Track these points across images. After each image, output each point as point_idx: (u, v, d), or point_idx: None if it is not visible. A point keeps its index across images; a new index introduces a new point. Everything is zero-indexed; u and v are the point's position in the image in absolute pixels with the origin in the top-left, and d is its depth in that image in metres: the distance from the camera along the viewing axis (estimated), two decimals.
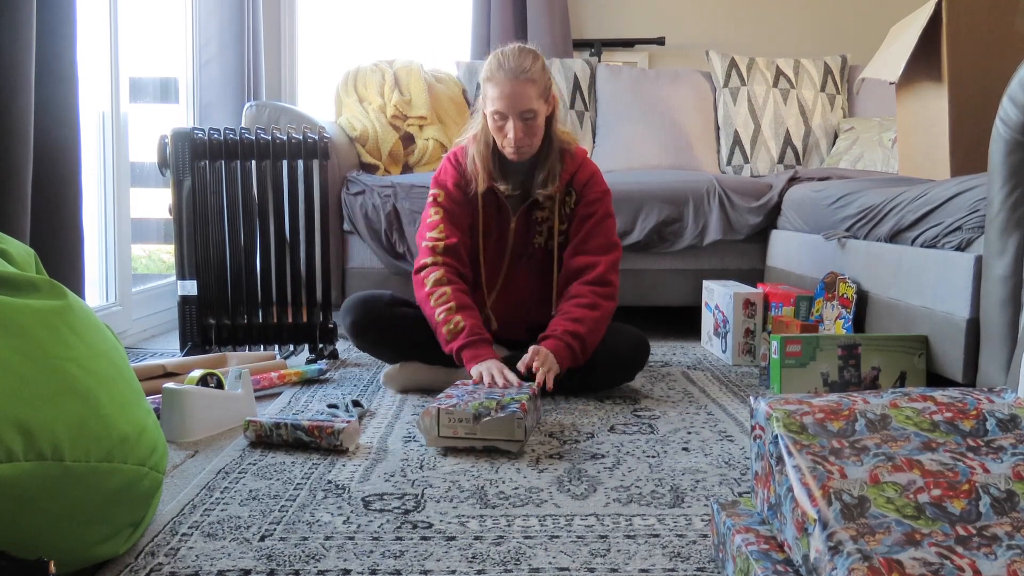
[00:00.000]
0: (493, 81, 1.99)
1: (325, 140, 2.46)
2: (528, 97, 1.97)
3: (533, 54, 2.03)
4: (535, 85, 1.98)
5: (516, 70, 1.97)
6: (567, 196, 2.13)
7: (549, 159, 2.08)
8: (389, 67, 3.39)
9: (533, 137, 2.03)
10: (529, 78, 1.97)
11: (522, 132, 2.00)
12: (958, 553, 0.83)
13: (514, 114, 1.98)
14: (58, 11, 1.97)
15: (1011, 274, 1.62)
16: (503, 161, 2.10)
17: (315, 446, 1.63)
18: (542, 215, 2.13)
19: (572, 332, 1.98)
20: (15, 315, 1.03)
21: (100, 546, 1.08)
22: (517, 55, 2.00)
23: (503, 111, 1.99)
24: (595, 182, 2.14)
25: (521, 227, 2.14)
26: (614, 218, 2.17)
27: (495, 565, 1.13)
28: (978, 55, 2.35)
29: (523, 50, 2.02)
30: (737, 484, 1.45)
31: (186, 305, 2.43)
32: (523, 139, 2.01)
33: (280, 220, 2.46)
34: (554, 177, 2.08)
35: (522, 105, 1.97)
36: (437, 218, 2.11)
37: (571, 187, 2.13)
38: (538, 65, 2.01)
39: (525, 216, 2.14)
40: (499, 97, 1.98)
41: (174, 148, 2.39)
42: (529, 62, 1.99)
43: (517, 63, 1.98)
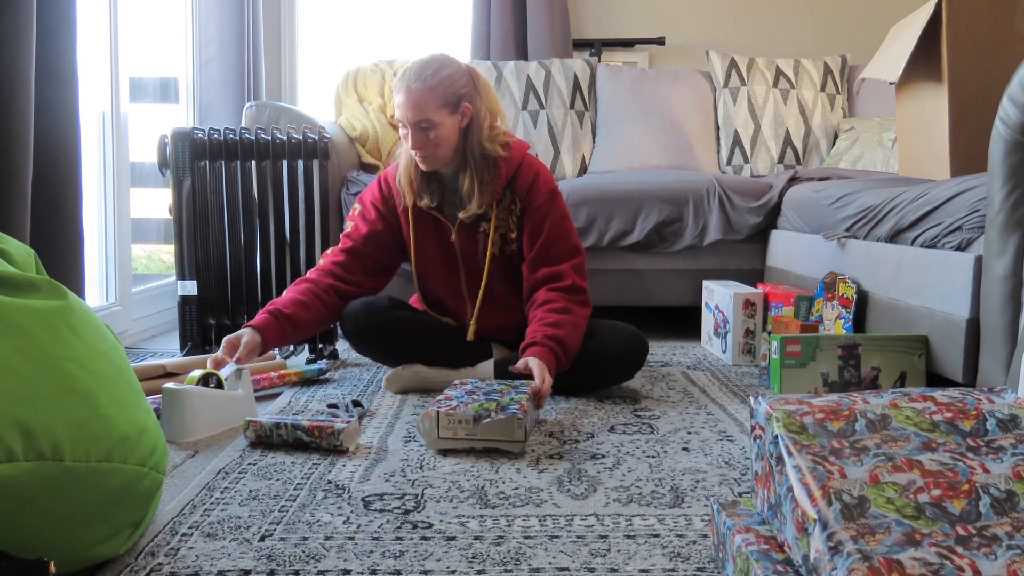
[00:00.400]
0: (396, 88, 1.97)
1: (325, 140, 2.46)
2: (423, 107, 1.92)
3: (444, 61, 1.97)
4: (432, 94, 1.92)
5: (412, 79, 1.93)
6: (512, 204, 2.06)
7: (468, 172, 2.01)
8: (389, 67, 3.39)
9: (436, 148, 1.97)
10: (425, 87, 1.92)
11: (419, 142, 1.95)
12: (958, 553, 0.83)
13: (410, 123, 1.95)
14: (58, 11, 1.97)
15: (1011, 274, 1.62)
16: (425, 174, 2.06)
17: (315, 446, 1.63)
18: (486, 226, 2.06)
19: (551, 336, 1.93)
20: (15, 315, 1.03)
21: (100, 546, 1.08)
22: (421, 65, 1.96)
23: (401, 119, 1.96)
24: (538, 186, 2.05)
25: (465, 240, 2.09)
26: (569, 218, 2.10)
27: (495, 565, 1.13)
28: (978, 55, 2.35)
29: (433, 58, 1.98)
30: (737, 484, 1.45)
31: (186, 305, 2.43)
32: (421, 148, 1.96)
33: (280, 220, 2.46)
34: (478, 190, 2.00)
35: (417, 115, 1.93)
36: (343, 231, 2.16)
37: (513, 195, 2.05)
38: (443, 73, 1.95)
39: (467, 229, 2.08)
40: (398, 105, 1.96)
41: (174, 148, 2.39)
42: (431, 71, 1.94)
43: (416, 72, 1.94)
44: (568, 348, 1.95)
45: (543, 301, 2.01)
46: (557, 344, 1.93)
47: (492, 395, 1.73)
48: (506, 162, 2.04)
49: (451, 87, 1.95)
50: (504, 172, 2.04)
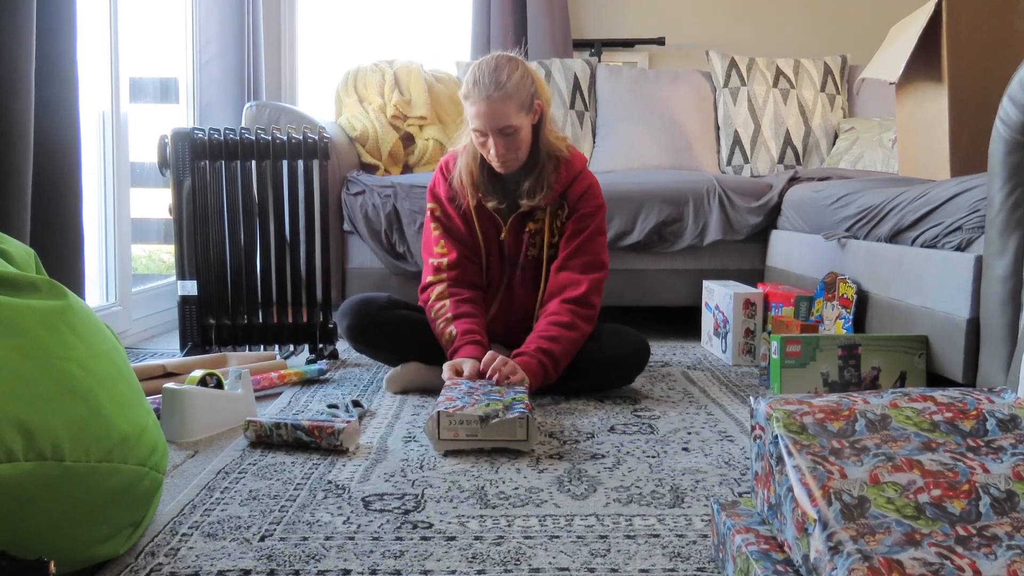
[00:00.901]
0: (469, 99, 1.94)
1: (325, 140, 2.46)
2: (505, 114, 1.92)
3: (511, 65, 1.96)
4: (512, 100, 1.92)
5: (490, 87, 1.91)
6: (560, 209, 2.08)
7: (537, 168, 2.03)
8: (389, 67, 3.39)
9: (517, 151, 1.98)
10: (505, 94, 1.91)
11: (503, 148, 1.95)
12: (958, 553, 0.83)
13: (493, 132, 1.93)
14: (58, 11, 1.97)
15: (1011, 274, 1.62)
16: (492, 173, 2.05)
17: (315, 446, 1.63)
18: (534, 227, 2.09)
19: (545, 350, 1.94)
20: (15, 315, 1.03)
21: (100, 546, 1.08)
22: (492, 70, 1.93)
23: (481, 129, 1.94)
24: (590, 196, 2.08)
25: (512, 239, 2.10)
26: (605, 236, 2.12)
27: (495, 565, 1.13)
28: (978, 55, 2.35)
29: (500, 62, 1.95)
30: (737, 484, 1.45)
31: (186, 305, 2.43)
32: (505, 154, 1.97)
33: (280, 220, 2.46)
34: (543, 187, 2.02)
35: (500, 123, 1.92)
36: (437, 234, 2.11)
37: (564, 199, 2.07)
38: (515, 77, 1.94)
39: (515, 228, 2.09)
40: (476, 116, 1.93)
41: (174, 148, 2.39)
42: (504, 76, 1.92)
43: (492, 79, 1.91)
44: (559, 364, 1.97)
45: (551, 312, 2.02)
46: (548, 358, 1.94)
47: (492, 395, 1.73)
48: (567, 167, 2.06)
49: (524, 89, 1.95)
50: (564, 176, 2.05)
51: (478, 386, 1.81)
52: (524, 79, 1.96)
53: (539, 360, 1.93)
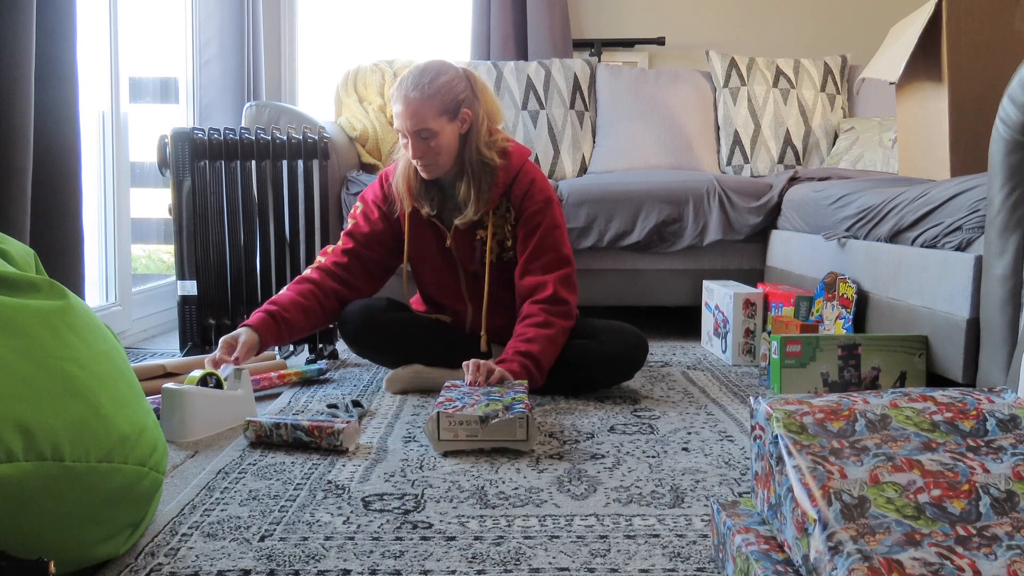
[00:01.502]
0: (393, 97, 1.96)
1: (325, 140, 2.46)
2: (422, 116, 1.92)
3: (440, 68, 1.96)
4: (431, 103, 1.91)
5: (409, 88, 1.92)
6: (506, 212, 2.05)
7: (465, 179, 2.01)
8: (389, 67, 3.39)
9: (437, 156, 1.96)
10: (422, 96, 1.91)
11: (420, 151, 1.95)
12: (958, 553, 0.83)
13: (410, 133, 1.94)
14: (58, 11, 1.97)
15: (1011, 274, 1.62)
16: (424, 180, 2.05)
17: (315, 446, 1.63)
18: (483, 233, 2.06)
19: (523, 352, 1.93)
20: (15, 315, 1.03)
21: (100, 546, 1.08)
22: (418, 73, 1.94)
23: (401, 128, 1.96)
24: (533, 192, 2.04)
25: (460, 246, 2.09)
26: (562, 228, 2.08)
27: (495, 565, 1.13)
28: (978, 55, 2.35)
29: (429, 65, 1.96)
30: (737, 484, 1.45)
31: (186, 305, 2.43)
32: (423, 158, 1.96)
33: (280, 220, 2.46)
34: (476, 197, 2.00)
35: (417, 124, 1.92)
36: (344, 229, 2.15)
37: (508, 202, 2.05)
38: (440, 80, 1.93)
39: (462, 236, 2.08)
40: (397, 115, 1.95)
41: (174, 148, 2.39)
42: (428, 79, 1.92)
43: (414, 80, 1.93)
44: (541, 363, 1.95)
45: (524, 315, 2.02)
46: (529, 359, 1.93)
47: (491, 395, 1.73)
48: (504, 170, 2.03)
49: (449, 94, 1.94)
50: (501, 180, 2.03)
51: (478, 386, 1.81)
52: (452, 84, 1.95)
53: (520, 363, 1.92)
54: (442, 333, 2.15)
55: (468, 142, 2.00)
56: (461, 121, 1.98)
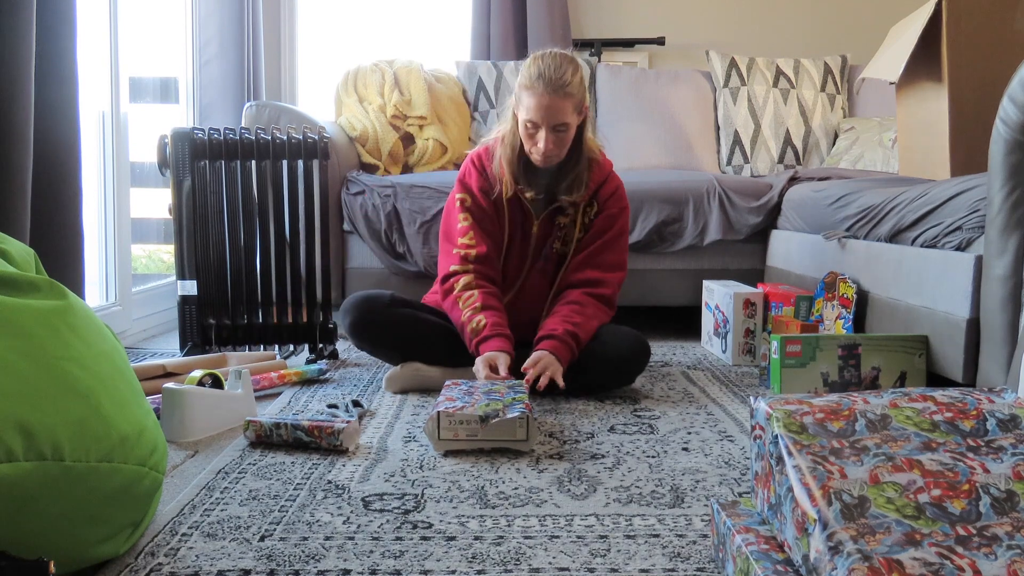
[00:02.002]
0: (532, 90, 1.96)
1: (325, 140, 2.46)
2: (564, 111, 1.96)
3: (573, 65, 1.99)
4: (572, 99, 1.97)
5: (556, 83, 1.94)
6: (589, 206, 2.14)
7: (577, 167, 2.09)
8: (389, 67, 3.39)
9: (562, 147, 2.03)
10: (567, 93, 1.95)
11: (552, 143, 2.00)
12: (958, 553, 0.83)
13: (547, 126, 1.97)
14: (58, 11, 1.97)
15: (1011, 274, 1.62)
16: (529, 165, 2.09)
17: (315, 446, 1.63)
18: (564, 220, 2.14)
19: (573, 334, 2.00)
20: (15, 315, 1.03)
21: (100, 546, 1.08)
22: (559, 66, 1.96)
23: (536, 121, 1.97)
24: (618, 196, 2.16)
25: (543, 231, 2.16)
26: (627, 236, 2.20)
27: (495, 565, 1.13)
28: (978, 55, 2.35)
29: (565, 60, 1.98)
30: (737, 484, 1.45)
31: (186, 305, 2.43)
32: (552, 149, 2.01)
33: (280, 220, 2.46)
34: (580, 185, 2.08)
35: (557, 119, 1.97)
36: (466, 224, 2.10)
37: (595, 198, 2.14)
38: (577, 78, 1.99)
39: (547, 221, 2.15)
40: (535, 108, 1.96)
41: (174, 148, 2.39)
42: (569, 75, 1.96)
43: (558, 75, 1.95)
44: (576, 352, 2.02)
45: (574, 300, 2.07)
46: (574, 341, 2.00)
47: (492, 394, 1.73)
48: (599, 168, 2.14)
49: (581, 90, 2.01)
50: (596, 176, 2.13)
51: (478, 385, 1.81)
52: (582, 81, 2.02)
53: (568, 345, 1.99)
54: (443, 332, 2.15)
55: (583, 134, 2.08)
56: (582, 115, 2.05)
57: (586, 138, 2.09)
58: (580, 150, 2.08)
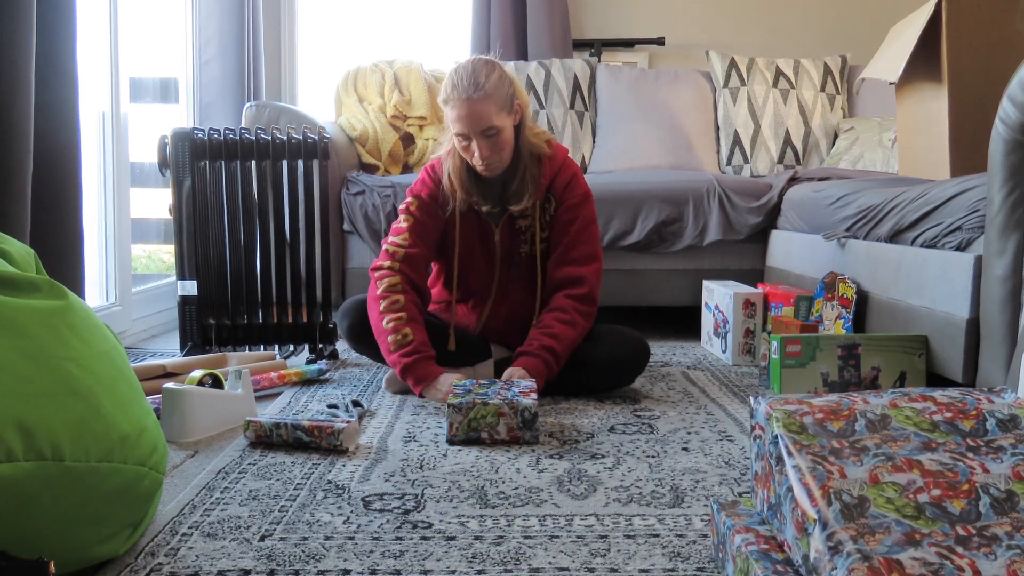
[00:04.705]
0: (449, 103, 1.93)
1: (325, 140, 2.46)
2: (487, 114, 1.91)
3: (488, 66, 1.95)
4: (492, 100, 1.91)
5: (469, 89, 1.90)
6: (547, 203, 2.08)
7: (519, 169, 2.02)
8: (389, 67, 3.39)
9: (501, 152, 1.97)
10: (484, 95, 1.90)
11: (487, 150, 1.95)
12: (958, 553, 0.83)
13: (475, 133, 1.93)
14: (58, 11, 1.97)
15: (1011, 274, 1.62)
16: (478, 177, 2.04)
17: (315, 446, 1.63)
18: (524, 223, 2.09)
19: (548, 347, 1.97)
20: (15, 315, 1.03)
21: (100, 546, 1.08)
22: (470, 72, 1.92)
23: (464, 132, 1.93)
24: (574, 185, 2.08)
25: (506, 238, 2.11)
26: (597, 224, 2.13)
27: (495, 565, 1.13)
28: (978, 55, 2.35)
29: (476, 65, 1.95)
30: (737, 484, 1.45)
31: (186, 305, 2.43)
32: (490, 156, 1.96)
33: (280, 220, 2.46)
34: (526, 189, 2.02)
35: (482, 124, 1.92)
36: (405, 225, 2.07)
37: (550, 193, 2.08)
38: (493, 78, 1.93)
39: (508, 226, 2.10)
40: (457, 119, 1.92)
41: (174, 148, 2.39)
42: (483, 77, 1.92)
43: (470, 81, 1.91)
44: (560, 361, 2.00)
45: (556, 307, 2.04)
46: (551, 354, 1.97)
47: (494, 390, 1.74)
48: (550, 161, 2.07)
49: (503, 89, 1.95)
50: (548, 171, 2.07)
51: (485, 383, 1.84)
52: (502, 80, 1.95)
53: (544, 360, 1.97)
54: (441, 333, 2.15)
55: (521, 134, 2.02)
56: (515, 114, 1.99)
57: (525, 137, 2.03)
58: (519, 151, 2.02)
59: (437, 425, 1.80)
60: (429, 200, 2.08)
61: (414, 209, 2.08)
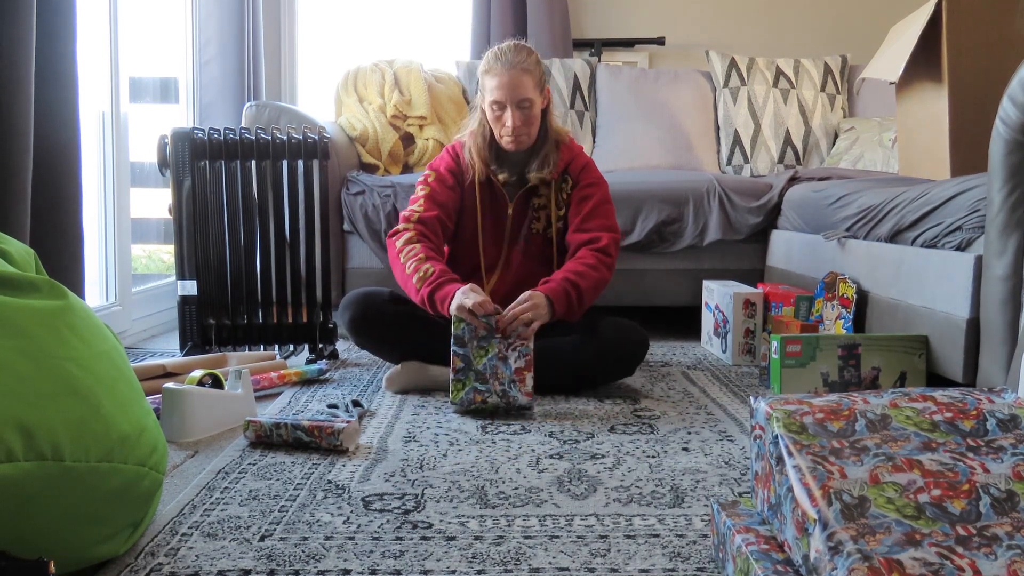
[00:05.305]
0: (491, 72, 2.09)
1: (325, 140, 2.46)
2: (525, 86, 2.08)
3: (528, 48, 2.14)
4: (531, 75, 2.09)
5: (512, 61, 2.08)
6: (563, 183, 2.20)
7: (545, 147, 2.17)
8: (389, 67, 3.39)
9: (530, 126, 2.12)
10: (525, 68, 2.08)
11: (520, 120, 2.09)
12: (958, 553, 0.83)
13: (512, 103, 2.08)
14: (58, 11, 1.97)
15: (1011, 274, 1.62)
16: (500, 152, 2.19)
17: (315, 446, 1.63)
18: (539, 201, 2.20)
19: (572, 281, 2.03)
20: (15, 315, 1.03)
21: (100, 546, 1.08)
22: (513, 49, 2.11)
23: (501, 100, 2.08)
24: (591, 169, 2.23)
25: (518, 213, 2.22)
26: (613, 206, 2.23)
27: (495, 565, 1.13)
28: (978, 55, 2.35)
29: (518, 44, 2.14)
30: (737, 484, 1.45)
31: (186, 305, 2.43)
32: (520, 127, 2.10)
33: (280, 220, 2.46)
34: (549, 163, 2.16)
35: (519, 94, 2.07)
36: (421, 195, 2.19)
37: (567, 174, 2.21)
38: (532, 59, 2.12)
39: (522, 202, 2.21)
40: (497, 87, 2.08)
41: (174, 148, 2.39)
42: (524, 55, 2.10)
43: (514, 55, 2.09)
44: (583, 296, 2.04)
45: (575, 256, 2.12)
46: (573, 288, 2.02)
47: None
48: (568, 148, 2.23)
49: (539, 69, 2.13)
50: (566, 156, 2.21)
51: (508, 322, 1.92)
52: (539, 64, 2.14)
53: (564, 289, 2.01)
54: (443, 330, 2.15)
55: (548, 117, 2.18)
56: (544, 98, 2.16)
57: (551, 121, 2.19)
58: (546, 132, 2.18)
59: (437, 425, 1.80)
60: (446, 173, 2.21)
61: (431, 180, 2.21)
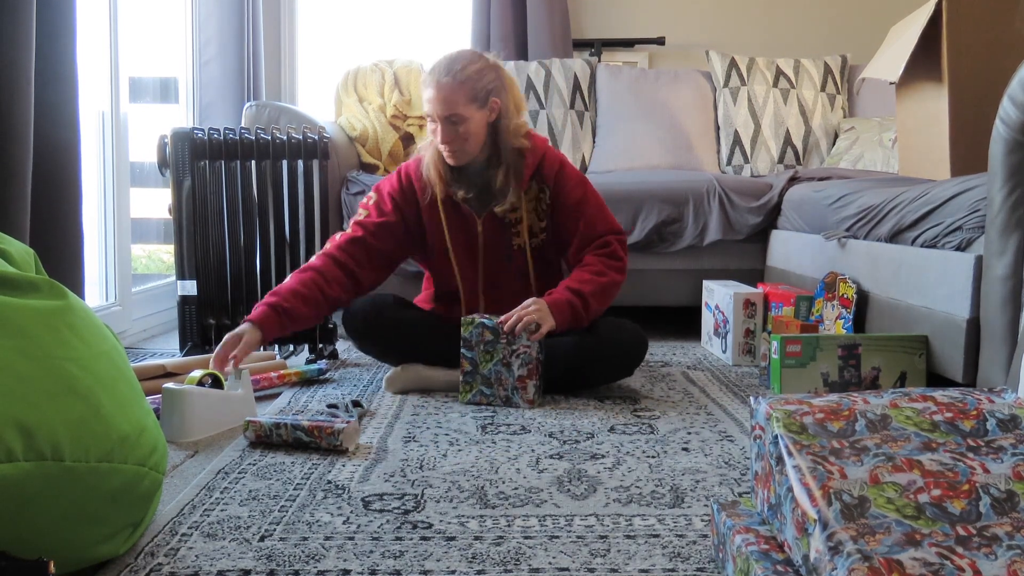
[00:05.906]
0: (424, 84, 2.00)
1: (325, 140, 2.46)
2: (453, 101, 1.95)
3: (472, 57, 1.99)
4: (462, 89, 1.95)
5: (441, 73, 1.96)
6: (540, 192, 2.10)
7: (502, 166, 2.04)
8: (389, 67, 3.39)
9: (464, 142, 1.99)
10: (454, 82, 1.94)
11: (448, 136, 1.98)
12: (958, 553, 0.83)
13: (440, 117, 1.97)
14: (58, 11, 1.97)
15: (1011, 274, 1.62)
16: (453, 167, 2.07)
17: (315, 446, 1.63)
18: (514, 216, 2.10)
19: (575, 290, 1.98)
20: (15, 315, 1.03)
21: (100, 546, 1.08)
22: (449, 60, 1.98)
23: (431, 114, 1.99)
24: (566, 170, 2.11)
25: (491, 231, 2.11)
26: (605, 204, 2.15)
27: (495, 565, 1.13)
28: (978, 55, 2.35)
29: (461, 54, 2.00)
30: (737, 484, 1.45)
31: (186, 305, 2.43)
32: (451, 143, 1.98)
33: (280, 220, 2.46)
34: (508, 187, 2.04)
35: (446, 109, 1.95)
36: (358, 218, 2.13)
37: (541, 182, 2.09)
38: (472, 69, 1.97)
39: (493, 219, 2.10)
40: (427, 100, 1.99)
41: (174, 148, 2.39)
42: (459, 66, 1.96)
43: (447, 66, 1.96)
44: (589, 303, 1.99)
45: (582, 264, 2.06)
46: (577, 296, 1.98)
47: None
48: (531, 152, 2.08)
49: (479, 82, 1.97)
50: (530, 162, 2.07)
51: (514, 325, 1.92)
52: (481, 74, 1.98)
53: (567, 299, 1.97)
54: (449, 333, 2.15)
55: (499, 131, 2.03)
56: (490, 110, 2.01)
57: (505, 130, 2.03)
58: (499, 149, 2.04)
59: (437, 425, 1.80)
60: (387, 198, 2.13)
61: (371, 204, 2.15)
